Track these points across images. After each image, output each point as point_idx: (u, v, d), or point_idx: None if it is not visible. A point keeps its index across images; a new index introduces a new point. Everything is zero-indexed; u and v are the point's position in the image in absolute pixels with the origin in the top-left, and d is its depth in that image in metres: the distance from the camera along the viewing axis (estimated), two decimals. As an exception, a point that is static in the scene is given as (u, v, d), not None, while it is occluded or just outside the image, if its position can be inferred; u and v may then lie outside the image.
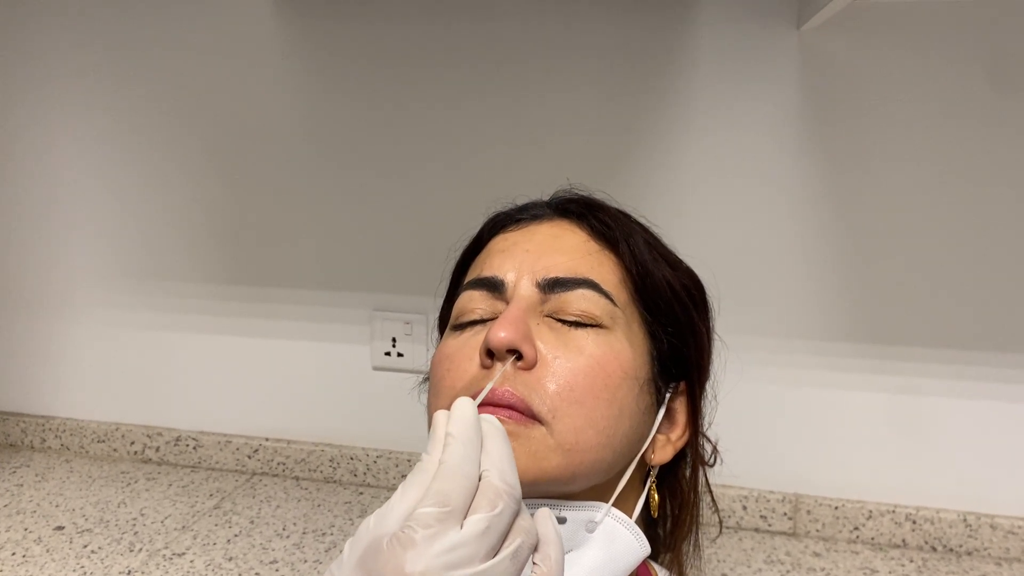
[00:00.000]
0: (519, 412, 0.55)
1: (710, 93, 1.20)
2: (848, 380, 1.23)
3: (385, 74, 1.29)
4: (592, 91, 1.23)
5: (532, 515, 0.47)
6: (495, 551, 0.42)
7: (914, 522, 1.23)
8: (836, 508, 1.25)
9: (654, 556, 0.71)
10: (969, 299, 1.18)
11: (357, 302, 1.37)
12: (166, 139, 1.38)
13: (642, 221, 0.69)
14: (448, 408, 0.47)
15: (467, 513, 0.42)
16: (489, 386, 0.54)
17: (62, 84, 1.40)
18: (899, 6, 0.77)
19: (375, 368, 1.39)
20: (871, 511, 1.24)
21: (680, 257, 0.69)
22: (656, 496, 0.64)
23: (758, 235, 1.22)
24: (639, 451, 0.61)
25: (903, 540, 1.23)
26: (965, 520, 1.21)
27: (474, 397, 0.49)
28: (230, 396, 1.46)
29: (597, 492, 0.59)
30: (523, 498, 0.53)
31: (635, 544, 0.59)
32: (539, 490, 0.56)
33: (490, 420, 0.47)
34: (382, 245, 1.34)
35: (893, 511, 1.23)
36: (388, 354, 1.37)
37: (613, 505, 0.60)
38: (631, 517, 0.61)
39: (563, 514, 0.57)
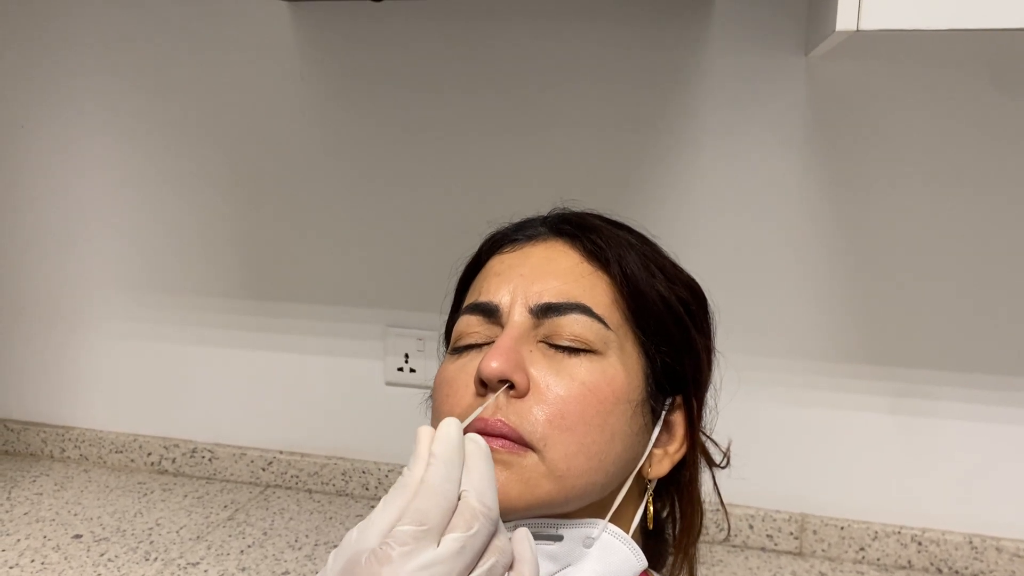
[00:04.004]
0: (511, 441, 0.57)
1: (719, 118, 1.22)
2: (855, 401, 1.24)
3: (400, 94, 1.32)
4: (603, 115, 1.25)
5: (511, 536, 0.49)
6: (470, 569, 0.44)
7: (920, 543, 1.23)
8: (842, 528, 1.25)
9: (661, 564, 0.72)
10: (977, 322, 1.19)
11: (371, 318, 1.40)
12: (186, 155, 1.42)
13: (641, 231, 0.70)
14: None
15: (445, 532, 0.44)
16: (477, 412, 0.56)
17: (86, 102, 1.44)
18: (908, 34, 0.79)
19: (388, 383, 1.41)
20: (877, 532, 1.24)
21: (680, 267, 0.69)
22: (652, 509, 0.65)
23: (767, 257, 1.24)
24: (634, 469, 0.62)
25: (909, 561, 1.24)
26: (971, 542, 1.21)
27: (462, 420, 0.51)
28: (245, 409, 1.48)
29: (594, 509, 0.61)
30: (520, 521, 0.55)
31: (632, 558, 0.61)
32: (534, 513, 0.58)
33: (475, 440, 0.49)
34: (396, 262, 1.37)
35: (899, 532, 1.24)
36: (401, 370, 1.40)
37: (610, 520, 0.61)
38: (629, 530, 0.63)
39: (560, 532, 0.59)
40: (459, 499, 0.46)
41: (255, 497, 1.43)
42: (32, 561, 1.20)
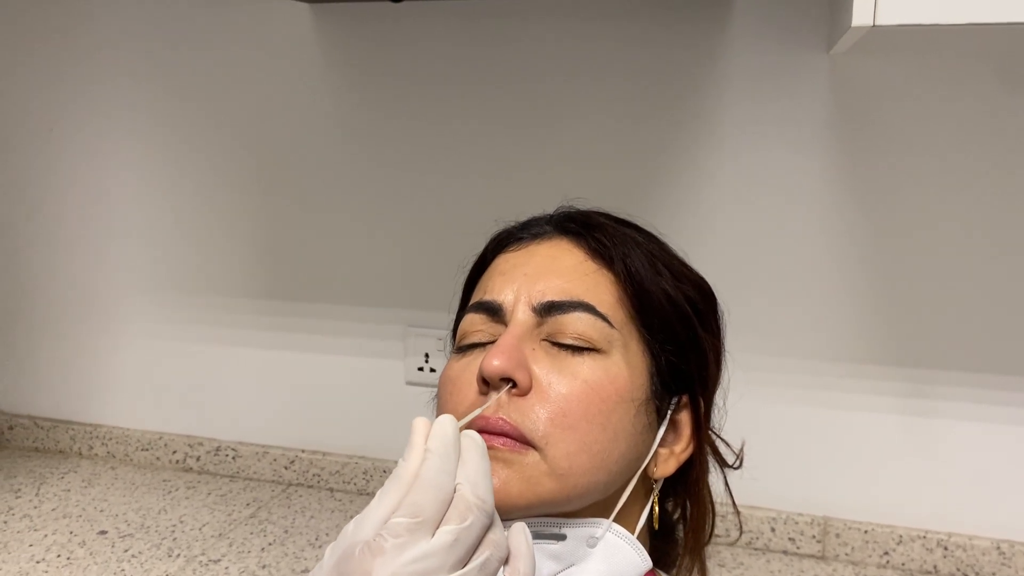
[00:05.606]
0: (513, 439, 0.56)
1: (740, 114, 1.21)
2: (880, 403, 1.22)
3: (421, 94, 1.32)
4: (622, 113, 1.25)
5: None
6: (463, 563, 0.44)
7: (946, 548, 1.21)
8: (866, 532, 1.24)
9: (671, 565, 0.71)
10: (1003, 322, 1.17)
11: (392, 318, 1.41)
12: (210, 158, 1.44)
13: (650, 229, 0.69)
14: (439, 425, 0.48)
15: (439, 525, 0.44)
16: (477, 411, 0.56)
17: (114, 104, 1.46)
18: (927, 29, 0.77)
19: (408, 383, 1.42)
20: (902, 536, 1.22)
21: (689, 266, 0.69)
22: (659, 509, 0.65)
23: (788, 257, 1.22)
24: (639, 468, 0.62)
25: (934, 566, 1.21)
26: (999, 547, 1.19)
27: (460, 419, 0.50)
28: (268, 408, 1.50)
29: (598, 508, 0.60)
30: (522, 520, 0.55)
31: (636, 558, 0.60)
32: (536, 512, 0.57)
33: (471, 435, 0.48)
34: (417, 263, 1.37)
35: (924, 536, 1.22)
36: (421, 369, 1.40)
37: (615, 519, 0.60)
38: (635, 530, 0.62)
39: (563, 531, 0.58)
40: (454, 492, 0.46)
41: (277, 495, 1.44)
42: (58, 556, 1.22)
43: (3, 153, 1.54)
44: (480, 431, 0.53)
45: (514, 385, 0.57)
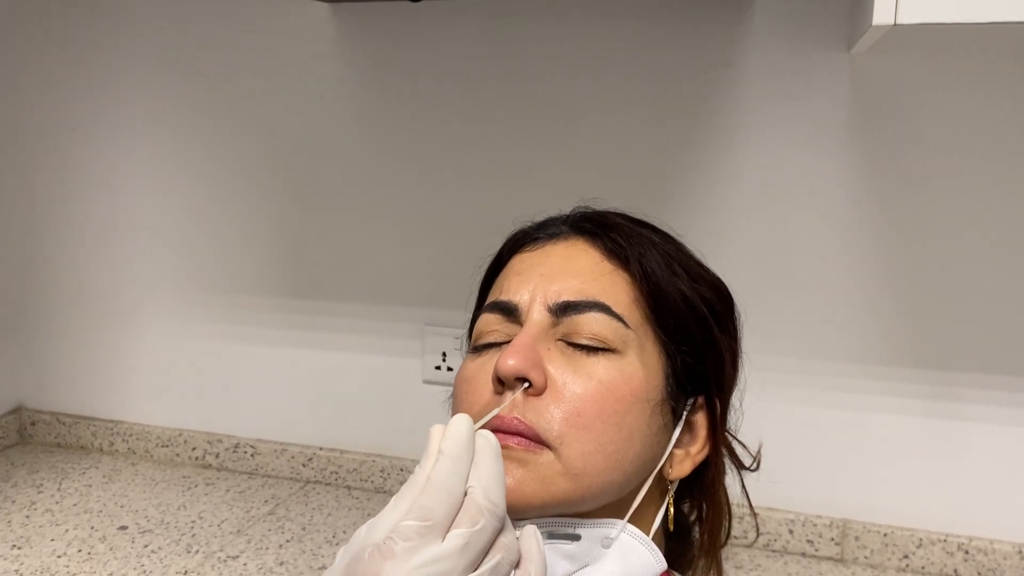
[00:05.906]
0: (527, 439, 0.56)
1: (759, 114, 1.20)
2: (900, 405, 1.21)
3: (440, 94, 1.32)
4: (642, 111, 1.24)
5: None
6: (475, 566, 0.44)
7: (967, 552, 1.20)
8: (885, 535, 1.23)
9: (686, 566, 0.71)
10: (1022, 325, 1.16)
11: (409, 317, 1.41)
12: (228, 157, 1.45)
13: (666, 230, 0.69)
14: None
15: (450, 528, 0.44)
16: (494, 412, 0.56)
17: (133, 104, 1.47)
18: (948, 28, 0.77)
19: (425, 381, 1.42)
20: (922, 539, 1.21)
21: (706, 266, 0.68)
22: (673, 510, 0.64)
23: (806, 257, 1.21)
24: (654, 469, 0.62)
25: (955, 570, 1.20)
26: (1020, 552, 1.18)
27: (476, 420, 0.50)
28: (287, 406, 1.50)
29: (613, 509, 0.60)
30: (536, 520, 0.55)
31: (651, 559, 0.60)
32: (550, 512, 0.57)
33: (485, 436, 0.48)
34: (434, 261, 1.38)
35: (945, 540, 1.20)
36: (438, 368, 1.40)
37: (630, 520, 0.60)
38: (650, 532, 0.62)
39: (577, 531, 0.58)
40: (466, 495, 0.46)
41: (295, 492, 1.45)
42: (79, 551, 1.24)
43: (25, 154, 1.55)
44: (495, 431, 0.53)
45: (529, 385, 0.57)
